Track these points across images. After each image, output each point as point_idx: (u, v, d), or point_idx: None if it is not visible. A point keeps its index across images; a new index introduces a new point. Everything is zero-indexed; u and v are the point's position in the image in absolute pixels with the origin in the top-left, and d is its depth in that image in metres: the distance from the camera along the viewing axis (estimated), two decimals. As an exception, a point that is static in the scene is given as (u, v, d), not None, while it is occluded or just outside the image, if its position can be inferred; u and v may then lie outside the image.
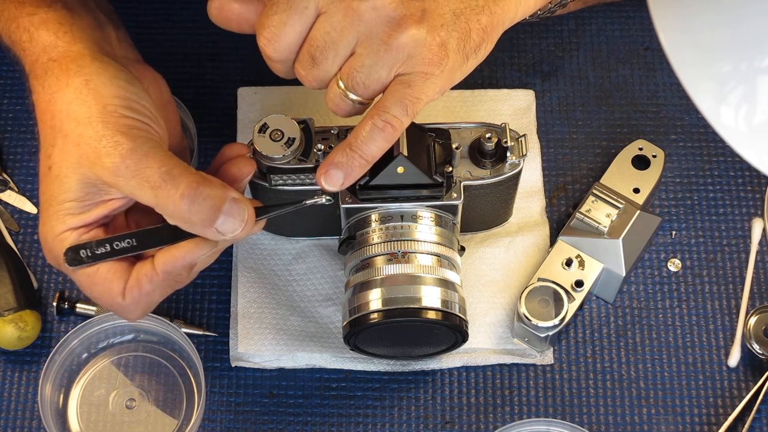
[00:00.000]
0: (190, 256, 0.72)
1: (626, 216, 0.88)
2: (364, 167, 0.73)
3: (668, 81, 0.98)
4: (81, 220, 0.72)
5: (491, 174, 0.84)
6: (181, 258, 0.72)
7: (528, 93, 0.98)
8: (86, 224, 0.72)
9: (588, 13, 1.02)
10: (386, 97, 0.71)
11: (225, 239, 0.72)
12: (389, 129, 0.71)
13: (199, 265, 0.74)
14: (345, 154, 0.72)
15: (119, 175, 0.69)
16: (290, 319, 0.89)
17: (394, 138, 0.72)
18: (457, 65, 0.72)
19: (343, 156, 0.72)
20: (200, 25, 1.01)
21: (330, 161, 0.72)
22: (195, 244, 0.72)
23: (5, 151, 0.96)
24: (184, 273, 0.73)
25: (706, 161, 0.96)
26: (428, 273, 0.81)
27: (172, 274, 0.72)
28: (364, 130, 0.71)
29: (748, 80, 0.60)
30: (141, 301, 0.73)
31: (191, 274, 0.74)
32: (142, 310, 0.74)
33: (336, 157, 0.72)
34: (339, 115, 0.74)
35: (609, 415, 0.87)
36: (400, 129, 0.71)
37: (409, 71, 0.70)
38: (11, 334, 0.86)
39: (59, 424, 0.85)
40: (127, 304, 0.73)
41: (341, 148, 0.72)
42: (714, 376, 0.88)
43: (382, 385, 0.88)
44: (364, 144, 0.71)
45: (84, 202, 0.71)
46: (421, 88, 0.71)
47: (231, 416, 0.87)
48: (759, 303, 0.90)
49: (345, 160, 0.72)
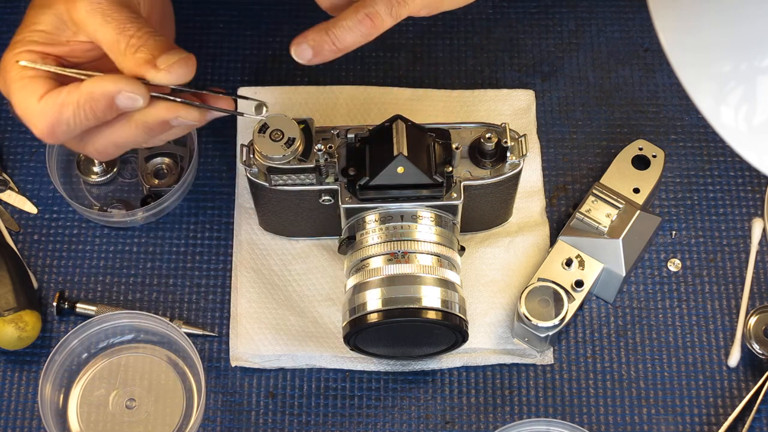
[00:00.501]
0: (114, 85, 0.72)
1: (626, 216, 0.88)
2: (333, 53, 0.74)
3: (668, 81, 0.99)
4: (42, 48, 0.75)
5: (491, 174, 0.84)
6: (107, 82, 0.72)
7: (528, 93, 0.98)
8: (45, 53, 0.75)
9: (588, 14, 1.02)
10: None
11: (162, 79, 0.72)
12: (368, 23, 0.72)
13: (125, 132, 0.75)
14: (320, 35, 0.73)
15: (89, 11, 0.73)
16: (290, 319, 0.89)
17: (371, 35, 0.73)
18: None
19: (318, 35, 0.73)
20: (200, 25, 1.01)
21: (305, 36, 0.74)
22: (127, 79, 0.72)
23: (5, 151, 0.96)
24: (103, 104, 0.72)
25: (706, 161, 0.96)
26: (428, 273, 0.81)
27: (92, 99, 0.72)
28: (345, 19, 0.73)
29: (748, 80, 0.60)
30: (52, 110, 0.73)
31: (109, 114, 0.73)
32: (49, 121, 0.73)
33: (311, 33, 0.73)
34: (323, 3, 0.76)
35: (609, 415, 0.87)
36: (380, 27, 0.73)
37: None
38: (11, 334, 0.86)
39: (59, 424, 0.85)
40: (39, 109, 0.73)
41: (320, 27, 0.74)
42: (714, 376, 0.88)
43: (382, 385, 0.88)
44: (341, 32, 0.73)
45: (50, 35, 0.75)
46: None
47: (231, 416, 0.87)
48: (759, 303, 0.90)
49: (318, 39, 0.73)
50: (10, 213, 0.94)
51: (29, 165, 0.95)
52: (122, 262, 0.92)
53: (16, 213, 0.94)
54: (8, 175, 0.95)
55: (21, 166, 0.95)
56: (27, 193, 0.94)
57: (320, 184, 0.83)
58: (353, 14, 0.73)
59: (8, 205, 0.94)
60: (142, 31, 0.73)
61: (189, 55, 0.73)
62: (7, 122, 0.97)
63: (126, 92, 0.72)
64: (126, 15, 0.73)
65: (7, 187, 0.94)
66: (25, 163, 0.96)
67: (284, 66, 0.99)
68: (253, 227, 0.92)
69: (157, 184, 0.93)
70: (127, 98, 0.72)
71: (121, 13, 0.73)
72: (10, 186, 0.95)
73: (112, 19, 0.73)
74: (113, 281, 0.92)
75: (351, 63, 0.99)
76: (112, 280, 0.92)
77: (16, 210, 0.94)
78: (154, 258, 0.92)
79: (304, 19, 1.00)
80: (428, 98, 0.97)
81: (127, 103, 0.72)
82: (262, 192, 0.85)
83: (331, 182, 0.83)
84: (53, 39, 0.75)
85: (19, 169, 0.95)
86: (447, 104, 0.97)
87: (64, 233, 0.93)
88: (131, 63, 0.72)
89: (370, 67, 0.99)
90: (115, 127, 0.75)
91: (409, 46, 1.00)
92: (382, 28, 0.73)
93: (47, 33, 0.75)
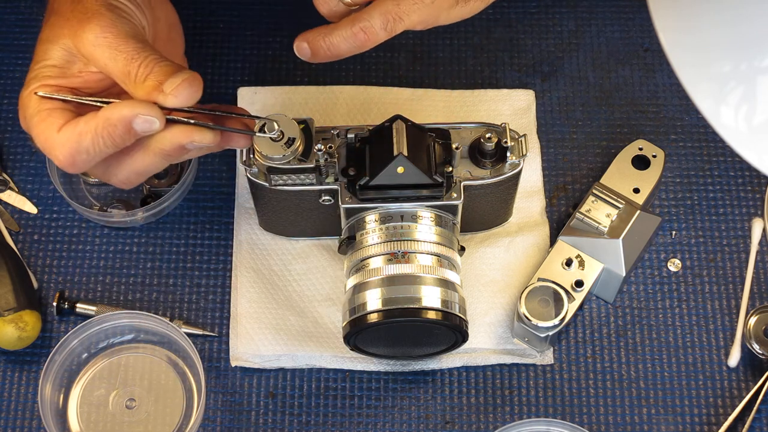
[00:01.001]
0: (130, 110, 0.73)
1: (626, 216, 0.88)
2: (329, 58, 0.77)
3: (668, 81, 0.99)
4: (56, 81, 0.76)
5: (491, 174, 0.84)
6: (123, 108, 0.73)
7: (528, 93, 0.98)
8: (59, 86, 0.76)
9: (588, 14, 1.02)
10: (373, 6, 0.76)
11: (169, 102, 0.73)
12: (362, 36, 0.75)
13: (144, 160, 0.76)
14: (317, 39, 0.76)
15: (96, 45, 0.74)
16: (290, 319, 0.89)
17: (364, 47, 0.76)
18: (446, 4, 0.77)
19: (316, 39, 0.76)
20: (200, 25, 1.01)
21: (306, 35, 0.77)
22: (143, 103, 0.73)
23: (5, 151, 0.96)
24: (121, 130, 0.73)
25: (706, 161, 0.96)
26: (428, 273, 0.81)
27: (109, 125, 0.73)
28: (341, 29, 0.76)
29: (748, 80, 0.60)
30: (71, 140, 0.74)
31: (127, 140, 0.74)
32: (68, 151, 0.74)
33: (311, 35, 0.76)
34: (321, 10, 0.78)
35: (609, 415, 0.87)
36: (374, 41, 0.75)
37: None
38: (11, 334, 0.86)
39: (59, 424, 0.85)
40: (59, 139, 0.74)
41: (319, 31, 0.76)
42: (714, 376, 0.88)
43: (382, 385, 0.88)
44: (336, 40, 0.76)
45: (62, 69, 0.76)
46: (407, 9, 0.75)
47: (231, 416, 0.87)
48: (759, 303, 0.90)
49: (315, 43, 0.76)
50: (10, 213, 0.94)
51: (29, 165, 0.95)
52: (122, 262, 0.92)
53: (16, 213, 0.94)
54: (8, 175, 0.95)
55: (21, 166, 0.96)
56: (27, 193, 0.94)
57: (320, 184, 0.83)
58: (349, 26, 0.75)
59: (8, 205, 0.94)
60: (148, 59, 0.74)
61: (192, 76, 0.74)
62: (7, 122, 0.97)
63: (142, 115, 0.73)
64: (132, 46, 0.74)
65: (7, 187, 0.94)
66: (25, 163, 0.96)
67: (284, 66, 0.99)
68: (253, 227, 0.92)
69: (157, 184, 0.93)
70: (143, 121, 0.73)
71: (127, 44, 0.74)
72: (10, 186, 0.95)
73: (119, 52, 0.74)
74: (113, 281, 0.92)
75: (351, 63, 0.99)
76: (112, 280, 0.92)
77: (16, 210, 0.94)
78: (154, 258, 0.92)
79: (304, 19, 1.00)
80: (428, 98, 0.97)
81: (144, 126, 0.73)
82: (262, 192, 0.85)
83: (331, 182, 0.83)
84: (65, 72, 0.76)
85: (19, 169, 0.95)
86: (447, 104, 0.97)
87: (64, 233, 0.93)
88: (141, 92, 0.74)
89: (370, 67, 0.99)
90: (134, 157, 0.76)
91: (409, 46, 1.00)
92: (376, 41, 0.76)
93: (58, 67, 0.76)
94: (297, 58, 0.75)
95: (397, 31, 0.76)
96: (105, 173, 0.78)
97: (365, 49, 0.76)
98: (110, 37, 0.74)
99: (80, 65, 0.77)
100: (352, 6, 0.77)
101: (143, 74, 0.74)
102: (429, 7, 0.76)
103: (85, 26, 0.75)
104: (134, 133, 0.74)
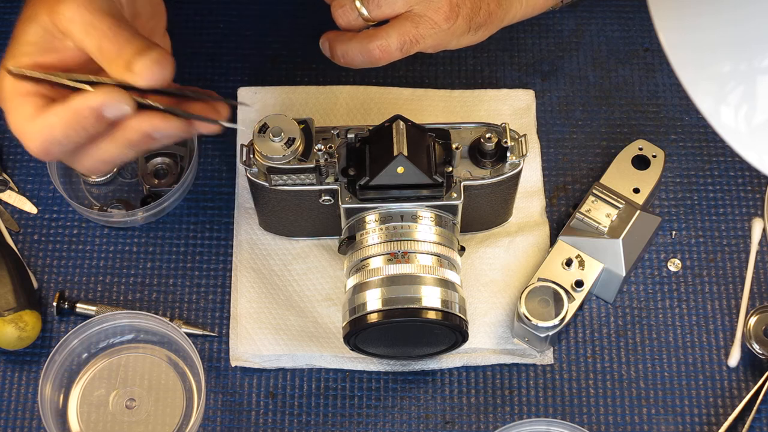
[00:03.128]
0: (98, 99, 0.72)
1: (626, 216, 0.88)
2: (343, 65, 0.80)
3: (668, 81, 0.99)
4: (32, 59, 0.75)
5: (491, 174, 0.84)
6: (91, 98, 0.72)
7: (528, 93, 0.98)
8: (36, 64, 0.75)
9: (588, 14, 1.02)
10: (391, 26, 0.78)
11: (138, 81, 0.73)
12: (377, 54, 0.78)
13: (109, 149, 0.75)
14: (336, 44, 0.80)
15: (72, 21, 0.73)
16: (290, 319, 0.89)
17: (378, 63, 0.79)
18: (459, 31, 0.79)
19: (335, 44, 0.80)
20: (200, 25, 1.01)
21: (330, 36, 0.80)
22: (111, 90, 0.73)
23: (5, 151, 0.96)
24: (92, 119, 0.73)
25: (706, 161, 0.96)
26: (428, 273, 0.81)
27: (79, 115, 0.73)
28: (359, 42, 0.79)
29: (748, 80, 0.60)
30: (43, 132, 0.73)
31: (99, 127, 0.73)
32: (40, 141, 0.74)
33: (333, 38, 0.80)
34: (338, 21, 0.80)
35: (609, 415, 0.87)
36: (388, 59, 0.79)
37: (421, 13, 0.78)
38: (11, 334, 0.86)
39: (59, 424, 0.85)
40: (31, 129, 0.74)
41: (341, 37, 0.80)
42: (714, 376, 0.88)
43: (382, 385, 0.88)
44: (353, 52, 0.79)
45: (40, 46, 0.75)
46: (425, 32, 0.78)
47: (231, 416, 0.87)
48: (759, 303, 0.90)
49: (334, 48, 0.80)
50: (10, 213, 0.94)
51: (29, 165, 0.95)
52: (122, 262, 0.92)
53: (16, 213, 0.94)
54: (8, 175, 0.95)
55: (21, 166, 0.96)
56: (27, 193, 0.94)
57: (320, 184, 0.83)
58: (367, 41, 0.78)
59: (8, 205, 0.94)
60: (122, 36, 0.73)
61: (162, 55, 0.73)
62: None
63: (110, 103, 0.72)
64: (108, 23, 0.73)
65: (7, 187, 0.94)
66: (25, 163, 0.96)
67: (284, 66, 0.99)
68: (253, 227, 0.92)
69: (157, 184, 0.93)
70: (113, 108, 0.73)
71: (102, 21, 0.74)
72: (10, 186, 0.95)
73: (94, 28, 0.73)
74: (113, 281, 0.92)
75: (351, 63, 0.99)
76: (112, 280, 0.92)
77: (16, 210, 0.94)
78: (154, 258, 0.92)
79: (304, 19, 1.00)
80: (428, 98, 0.97)
81: (114, 112, 0.73)
82: (262, 192, 0.85)
83: (331, 182, 0.83)
84: (43, 49, 0.75)
85: (19, 169, 0.95)
86: (447, 104, 0.97)
87: (64, 233, 0.93)
88: (113, 71, 0.73)
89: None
90: (101, 146, 0.75)
91: (409, 46, 1.00)
92: (390, 60, 0.79)
93: (36, 44, 0.75)
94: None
95: (411, 53, 0.79)
96: (71, 160, 0.77)
97: (378, 65, 0.79)
98: (86, 13, 0.73)
99: (57, 42, 0.75)
100: (370, 22, 0.79)
101: (115, 52, 0.73)
102: (445, 33, 0.79)
103: (61, 2, 0.74)
104: (106, 120, 0.73)
